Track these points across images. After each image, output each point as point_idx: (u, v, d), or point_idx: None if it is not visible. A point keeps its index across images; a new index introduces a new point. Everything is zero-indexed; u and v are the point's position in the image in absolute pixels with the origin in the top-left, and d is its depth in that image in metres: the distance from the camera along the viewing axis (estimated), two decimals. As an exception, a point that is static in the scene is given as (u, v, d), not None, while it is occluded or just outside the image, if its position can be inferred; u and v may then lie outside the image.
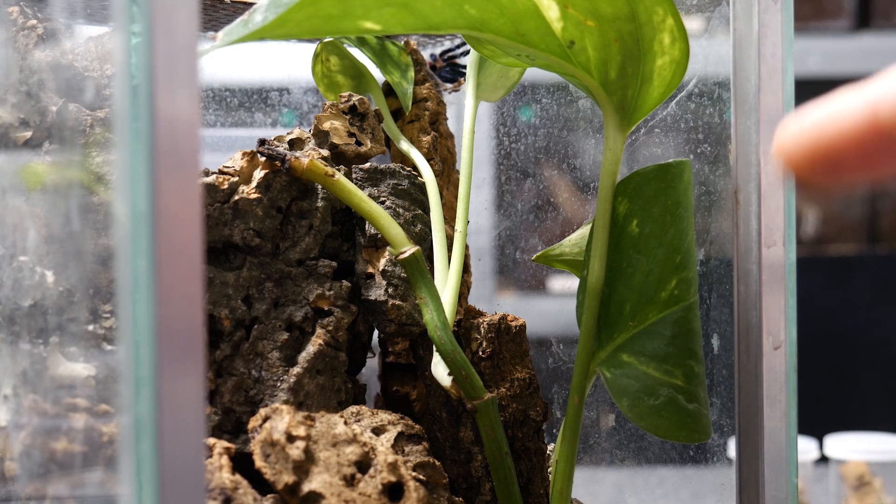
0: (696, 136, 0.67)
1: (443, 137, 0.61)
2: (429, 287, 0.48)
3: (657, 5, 0.41)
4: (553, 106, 0.74)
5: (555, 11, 0.40)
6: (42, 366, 0.52)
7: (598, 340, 0.48)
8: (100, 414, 0.51)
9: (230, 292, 0.50)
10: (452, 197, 0.61)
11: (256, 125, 0.74)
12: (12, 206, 0.54)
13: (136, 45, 0.31)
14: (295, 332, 0.51)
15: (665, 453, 0.73)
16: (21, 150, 0.53)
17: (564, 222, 0.77)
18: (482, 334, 0.52)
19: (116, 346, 0.51)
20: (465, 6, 0.39)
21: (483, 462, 0.52)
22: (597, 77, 0.43)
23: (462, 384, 0.48)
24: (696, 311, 0.48)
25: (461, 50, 0.65)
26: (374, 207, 0.49)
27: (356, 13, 0.37)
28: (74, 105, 0.52)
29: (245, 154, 0.51)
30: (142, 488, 0.31)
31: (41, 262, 0.52)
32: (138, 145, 0.31)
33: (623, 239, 0.46)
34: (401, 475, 0.46)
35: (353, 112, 0.55)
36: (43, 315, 0.51)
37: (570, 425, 0.48)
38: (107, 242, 0.50)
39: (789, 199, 0.45)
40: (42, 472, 0.51)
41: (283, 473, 0.43)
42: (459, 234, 0.53)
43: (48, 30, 0.54)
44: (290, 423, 0.44)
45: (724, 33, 0.47)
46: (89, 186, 0.52)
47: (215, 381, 0.50)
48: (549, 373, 0.71)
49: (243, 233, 0.50)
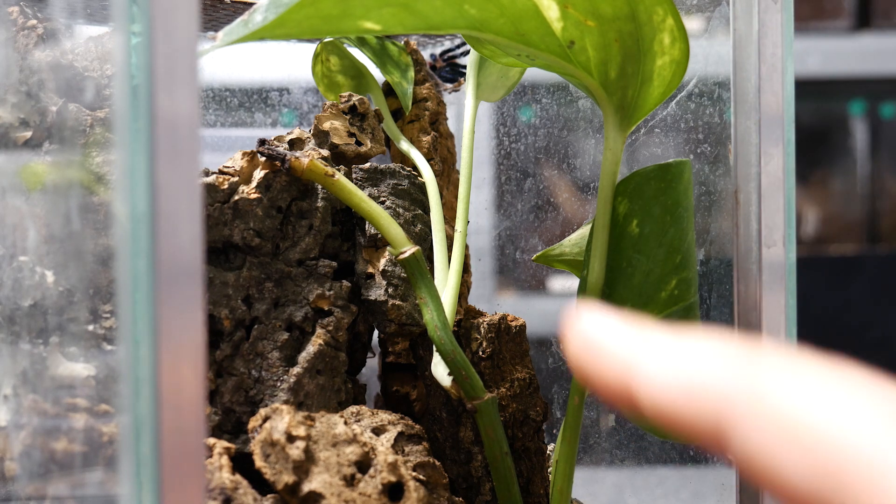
0: (696, 136, 0.67)
1: (443, 137, 0.61)
2: (429, 287, 0.48)
3: (657, 5, 0.41)
4: (553, 106, 0.74)
5: (555, 11, 0.40)
6: (42, 366, 0.52)
7: (598, 340, 0.47)
8: (100, 414, 0.51)
9: (230, 292, 0.50)
10: (452, 197, 0.61)
11: (256, 125, 0.74)
12: (12, 206, 0.54)
13: (136, 45, 0.31)
14: (295, 332, 0.51)
15: (665, 453, 0.73)
16: (21, 150, 0.53)
17: (564, 222, 0.77)
18: (482, 334, 0.52)
19: (116, 346, 0.51)
20: (465, 6, 0.39)
21: (483, 462, 0.52)
22: (597, 77, 0.43)
23: (462, 384, 0.48)
24: (696, 311, 0.48)
25: (461, 50, 0.65)
26: (374, 207, 0.49)
27: (356, 13, 0.37)
28: (74, 105, 0.52)
29: (245, 154, 0.51)
30: (142, 488, 0.31)
31: (41, 262, 0.52)
32: (138, 145, 0.31)
33: (623, 239, 0.46)
34: (401, 475, 0.46)
35: (353, 112, 0.55)
36: (43, 315, 0.51)
37: (570, 425, 0.48)
38: (107, 242, 0.50)
39: (789, 199, 0.45)
40: (42, 472, 0.51)
41: (283, 473, 0.43)
42: (459, 234, 0.53)
43: (48, 30, 0.54)
44: (290, 423, 0.44)
45: (724, 33, 0.47)
46: (89, 186, 0.52)
47: (215, 381, 0.50)
48: (549, 373, 0.71)
49: (243, 233, 0.50)
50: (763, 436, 0.22)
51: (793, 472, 0.22)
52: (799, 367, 0.23)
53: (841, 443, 0.21)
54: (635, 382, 0.25)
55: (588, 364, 0.26)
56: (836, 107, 1.61)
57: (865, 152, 1.59)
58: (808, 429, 0.22)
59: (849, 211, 1.59)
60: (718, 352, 0.24)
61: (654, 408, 0.25)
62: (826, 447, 0.21)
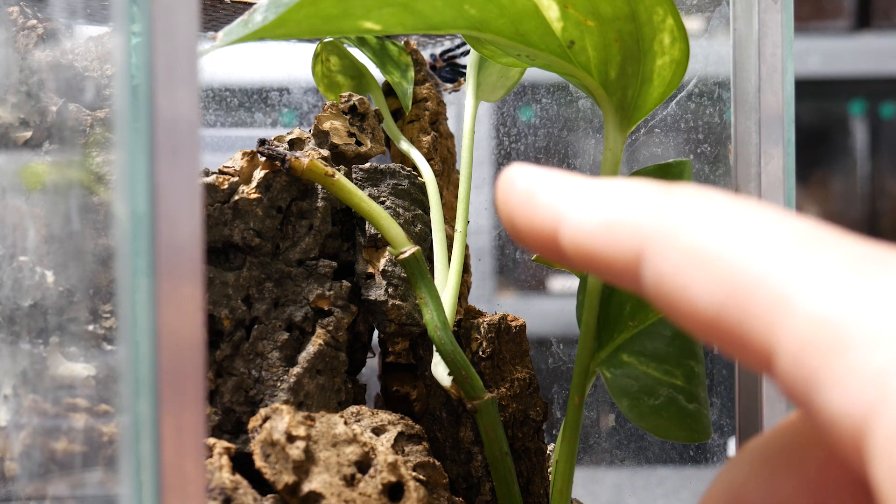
0: (696, 136, 0.67)
1: (443, 137, 0.61)
2: (429, 287, 0.48)
3: (657, 5, 0.41)
4: (553, 106, 0.74)
5: (555, 11, 0.40)
6: (42, 366, 0.52)
7: (598, 340, 0.48)
8: (100, 414, 0.51)
9: (230, 292, 0.50)
10: (452, 197, 0.61)
11: (256, 125, 0.74)
12: (12, 206, 0.54)
13: (136, 45, 0.31)
14: (295, 332, 0.51)
15: (665, 453, 0.73)
16: (21, 150, 0.53)
17: (564, 222, 0.77)
18: (482, 334, 0.52)
19: (116, 346, 0.51)
20: (465, 6, 0.39)
21: (483, 462, 0.52)
22: (597, 77, 0.43)
23: (462, 384, 0.48)
24: (696, 311, 0.48)
25: (461, 50, 0.65)
26: (374, 207, 0.49)
27: (356, 13, 0.37)
28: (74, 105, 0.52)
29: (245, 154, 0.51)
30: (142, 488, 0.31)
31: (41, 262, 0.52)
32: (138, 145, 0.31)
33: (623, 239, 0.46)
34: (401, 475, 0.46)
35: (353, 112, 0.55)
36: (43, 315, 0.51)
37: (570, 425, 0.48)
38: (107, 242, 0.50)
39: (789, 199, 0.45)
40: (42, 472, 0.51)
41: (283, 473, 0.43)
42: (459, 234, 0.53)
43: (48, 30, 0.54)
44: (290, 423, 0.44)
45: (724, 33, 0.47)
46: (89, 186, 0.52)
47: (215, 381, 0.50)
48: (549, 373, 0.71)
49: (243, 233, 0.50)
50: (674, 265, 0.23)
51: (701, 299, 0.22)
52: (713, 201, 0.23)
53: (748, 268, 0.21)
54: (560, 226, 0.25)
55: (517, 215, 0.27)
56: (836, 107, 1.61)
57: (865, 152, 1.59)
58: (718, 256, 0.22)
59: (849, 211, 1.59)
60: (638, 190, 0.24)
61: (575, 248, 0.25)
62: (733, 272, 0.22)
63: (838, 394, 0.19)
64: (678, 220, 0.23)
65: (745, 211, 0.23)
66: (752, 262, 0.21)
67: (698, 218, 0.23)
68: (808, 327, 0.20)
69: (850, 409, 0.19)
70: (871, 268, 0.20)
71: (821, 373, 0.20)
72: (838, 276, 0.20)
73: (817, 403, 0.20)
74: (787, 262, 0.21)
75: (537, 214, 0.26)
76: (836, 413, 0.19)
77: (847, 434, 0.19)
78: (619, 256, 0.24)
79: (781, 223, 0.22)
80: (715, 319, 0.22)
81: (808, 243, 0.21)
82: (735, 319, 0.21)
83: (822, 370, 0.20)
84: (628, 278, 0.24)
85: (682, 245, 0.23)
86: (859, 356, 0.19)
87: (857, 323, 0.19)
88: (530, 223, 0.26)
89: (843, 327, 0.19)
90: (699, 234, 0.22)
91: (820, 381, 0.20)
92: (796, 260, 0.21)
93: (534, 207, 0.26)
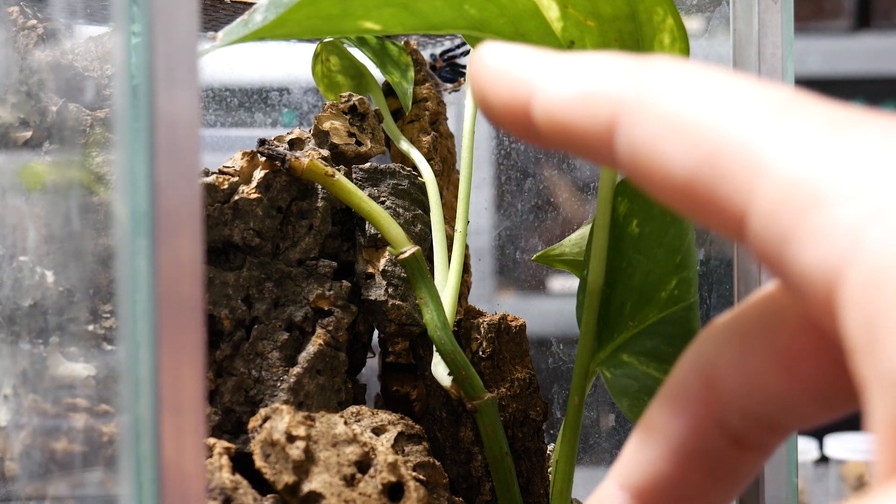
0: (696, 136, 0.67)
1: (443, 137, 0.61)
2: (429, 287, 0.48)
3: (657, 5, 0.41)
4: (553, 106, 0.74)
5: (555, 11, 0.40)
6: (42, 366, 0.52)
7: (598, 340, 0.48)
8: (100, 414, 0.51)
9: (230, 292, 0.50)
10: (452, 197, 0.61)
11: (256, 125, 0.74)
12: (12, 206, 0.54)
13: (136, 45, 0.31)
14: (295, 332, 0.51)
15: (665, 453, 0.73)
16: (21, 150, 0.53)
17: (564, 222, 0.77)
18: (482, 334, 0.52)
19: (116, 346, 0.51)
20: (465, 6, 0.39)
21: (483, 462, 0.52)
22: (597, 77, 0.43)
23: (462, 384, 0.48)
24: (696, 311, 0.48)
25: (461, 50, 0.65)
26: (374, 207, 0.49)
27: (356, 13, 0.37)
28: (74, 105, 0.52)
29: (245, 154, 0.51)
30: (142, 488, 0.31)
31: (41, 262, 0.52)
32: (138, 145, 0.31)
33: (623, 239, 0.46)
34: (401, 475, 0.46)
35: (353, 112, 0.55)
36: (43, 315, 0.51)
37: (570, 425, 0.48)
38: (107, 242, 0.50)
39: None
40: (42, 472, 0.51)
41: (283, 473, 0.43)
42: (459, 234, 0.53)
43: (48, 30, 0.54)
44: (290, 423, 0.44)
45: (724, 33, 0.47)
46: (89, 186, 0.52)
47: (215, 381, 0.50)
48: (549, 373, 0.71)
49: (243, 233, 0.50)
50: (650, 131, 0.23)
51: (676, 163, 0.22)
52: (687, 70, 0.23)
53: (723, 132, 0.22)
54: (532, 99, 0.25)
55: (489, 90, 0.26)
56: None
57: (865, 152, 1.59)
58: (693, 121, 0.22)
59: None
60: (612, 62, 0.24)
61: (548, 120, 0.25)
62: (708, 137, 0.22)
63: (811, 248, 0.20)
64: (654, 88, 0.23)
65: (720, 79, 0.23)
66: (727, 126, 0.21)
67: (674, 86, 0.23)
68: (782, 186, 0.20)
69: (822, 262, 0.19)
70: (844, 128, 0.20)
71: (794, 230, 0.20)
72: (811, 137, 0.20)
73: (790, 260, 0.20)
74: (761, 125, 0.21)
75: (509, 89, 0.25)
76: (809, 267, 0.20)
77: (819, 288, 0.20)
78: (592, 126, 0.24)
79: (756, 90, 0.22)
80: (689, 184, 0.22)
81: (781, 108, 0.21)
82: (710, 183, 0.22)
83: (795, 227, 0.20)
84: (601, 149, 0.24)
85: (658, 112, 0.23)
86: (832, 211, 0.19)
87: (830, 180, 0.20)
88: (502, 98, 0.26)
89: (817, 185, 0.20)
90: (675, 100, 0.23)
91: (793, 237, 0.20)
92: (770, 123, 0.21)
93: (505, 82, 0.26)
